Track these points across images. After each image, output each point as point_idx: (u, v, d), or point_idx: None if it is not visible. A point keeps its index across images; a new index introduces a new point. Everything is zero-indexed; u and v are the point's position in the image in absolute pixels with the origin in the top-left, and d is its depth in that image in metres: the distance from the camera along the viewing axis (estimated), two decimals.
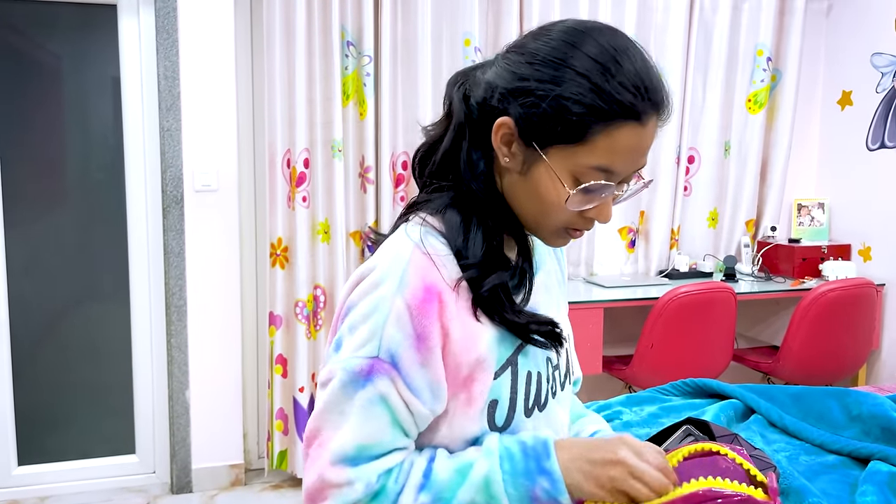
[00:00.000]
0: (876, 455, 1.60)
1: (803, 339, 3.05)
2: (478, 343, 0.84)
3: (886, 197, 3.40)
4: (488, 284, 0.83)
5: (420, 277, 0.82)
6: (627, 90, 0.78)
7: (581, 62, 0.78)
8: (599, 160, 0.80)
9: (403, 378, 0.81)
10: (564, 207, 0.83)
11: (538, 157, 0.82)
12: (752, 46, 3.52)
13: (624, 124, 0.79)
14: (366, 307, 0.83)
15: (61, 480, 3.04)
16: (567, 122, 0.79)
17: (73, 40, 2.96)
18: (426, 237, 0.85)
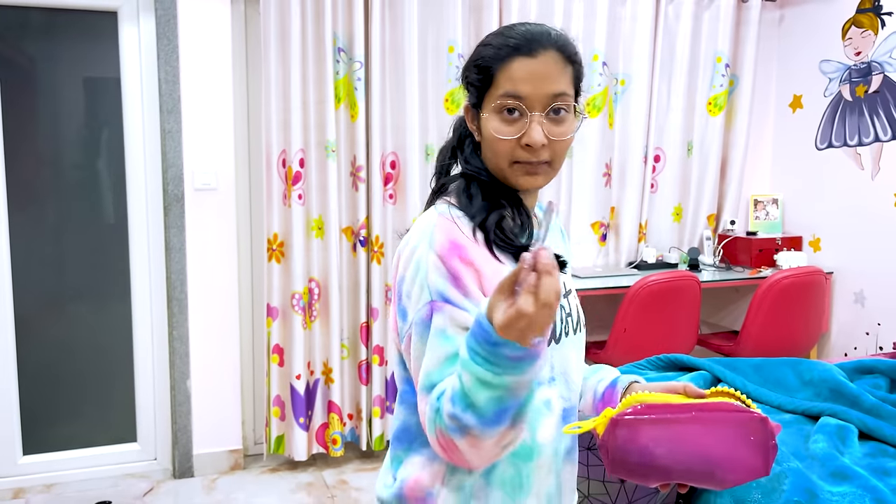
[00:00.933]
0: (825, 412, 1.85)
1: (761, 324, 3.32)
2: (502, 270, 1.02)
3: (834, 192, 3.71)
4: (490, 221, 1.05)
5: (444, 234, 1.02)
6: (512, 38, 1.04)
7: (485, 39, 1.09)
8: (504, 88, 1.04)
9: (455, 305, 0.98)
10: (499, 139, 1.04)
11: (480, 115, 1.08)
12: (711, 54, 3.80)
13: (514, 58, 1.03)
14: (411, 272, 1.02)
15: (65, 469, 3.16)
16: (481, 75, 1.06)
17: (75, 45, 3.08)
18: (449, 209, 1.07)
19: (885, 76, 3.43)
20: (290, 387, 3.23)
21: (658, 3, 3.67)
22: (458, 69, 3.30)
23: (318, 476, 3.23)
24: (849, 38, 3.60)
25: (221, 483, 3.16)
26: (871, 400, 1.84)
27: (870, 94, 3.50)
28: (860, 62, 3.55)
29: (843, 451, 1.67)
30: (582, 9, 3.56)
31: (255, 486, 3.13)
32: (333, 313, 3.23)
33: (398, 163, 3.29)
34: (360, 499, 3.03)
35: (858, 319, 3.61)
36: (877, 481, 1.51)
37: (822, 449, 1.64)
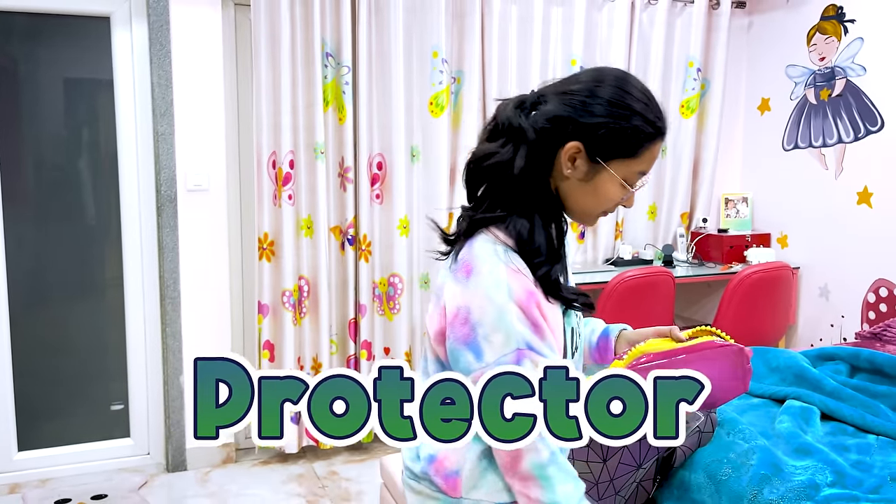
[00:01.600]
0: (790, 396, 2.01)
1: (732, 317, 3.48)
2: (559, 319, 1.16)
3: (799, 191, 3.89)
4: (553, 276, 1.14)
5: (520, 286, 1.10)
6: (658, 118, 1.15)
7: (633, 104, 1.13)
8: (643, 167, 1.16)
9: (539, 354, 1.10)
10: (618, 200, 1.17)
11: (602, 168, 1.13)
12: (684, 58, 3.96)
13: (657, 140, 1.16)
14: (493, 317, 1.09)
15: (60, 464, 3.23)
16: (626, 144, 1.13)
17: (68, 50, 3.15)
18: (508, 255, 1.12)
19: (847, 80, 3.61)
20: None
21: (633, 10, 3.81)
22: (441, 73, 3.41)
23: (309, 468, 3.34)
24: (813, 43, 3.78)
25: (214, 476, 3.25)
26: (832, 384, 1.99)
27: (833, 98, 3.68)
28: (824, 67, 3.73)
29: (807, 430, 1.82)
30: (560, 15, 3.69)
31: (247, 479, 3.23)
32: (322, 310, 3.33)
33: (385, 164, 3.40)
34: (350, 489, 3.13)
35: (823, 312, 3.80)
36: (836, 456, 1.66)
37: (787, 428, 1.78)
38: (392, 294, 3.44)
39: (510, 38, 3.60)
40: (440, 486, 1.21)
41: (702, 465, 1.67)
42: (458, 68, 3.53)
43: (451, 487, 1.19)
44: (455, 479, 1.19)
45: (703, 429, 1.76)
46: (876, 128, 3.49)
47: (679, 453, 1.72)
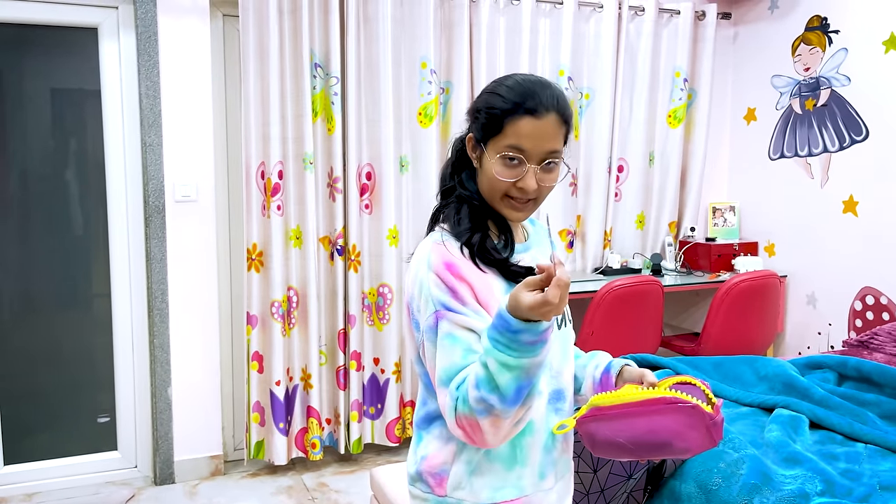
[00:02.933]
0: (779, 404, 2.02)
1: (720, 325, 3.50)
2: (493, 289, 1.21)
3: (786, 200, 3.92)
4: (474, 240, 1.23)
5: (438, 256, 1.21)
6: (521, 96, 1.20)
7: (498, 89, 1.23)
8: (510, 141, 1.20)
9: (455, 312, 1.16)
10: (506, 180, 1.21)
11: (483, 151, 1.24)
12: (670, 69, 3.99)
13: (522, 117, 1.19)
14: (416, 290, 1.22)
15: (46, 478, 3.19)
16: (491, 121, 1.22)
17: (56, 61, 3.13)
18: (442, 235, 1.26)
19: (832, 91, 3.65)
20: (269, 393, 3.30)
21: (620, 21, 3.84)
22: (430, 84, 3.42)
23: (298, 480, 3.31)
24: (798, 54, 3.82)
25: (203, 488, 3.22)
26: (821, 392, 2.00)
27: (818, 108, 3.72)
28: (809, 77, 3.77)
29: (796, 438, 1.82)
30: (548, 26, 3.72)
31: (236, 491, 3.20)
32: (312, 321, 3.32)
33: (374, 174, 3.40)
34: (339, 500, 3.11)
35: (811, 320, 3.82)
36: (826, 465, 1.67)
37: (776, 437, 1.79)
38: (381, 304, 3.43)
39: (498, 49, 3.62)
40: (430, 483, 1.25)
41: (692, 474, 1.67)
42: (446, 79, 3.54)
43: (437, 485, 1.24)
44: (442, 477, 1.24)
45: None
46: (861, 137, 3.53)
47: (669, 463, 1.72)
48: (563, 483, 1.33)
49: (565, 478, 1.34)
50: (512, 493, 1.22)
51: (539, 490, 1.26)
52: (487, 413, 1.08)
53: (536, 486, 1.25)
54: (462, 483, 1.23)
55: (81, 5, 3.07)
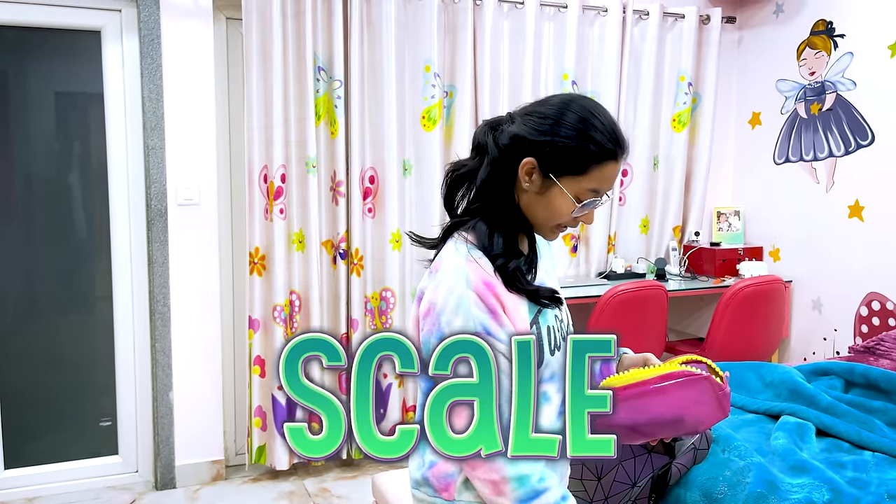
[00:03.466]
0: (786, 411, 1.99)
1: (725, 330, 3.48)
2: (519, 310, 1.22)
3: (791, 205, 3.90)
4: (511, 267, 1.22)
5: (478, 275, 1.20)
6: (609, 142, 1.20)
7: (583, 125, 1.20)
8: (593, 185, 1.22)
9: (495, 338, 1.16)
10: (569, 215, 1.23)
11: (553, 183, 1.22)
12: (675, 73, 3.97)
13: (608, 162, 1.21)
14: (453, 304, 1.18)
15: (47, 482, 3.18)
16: (573, 162, 1.20)
17: (60, 63, 3.13)
18: (470, 251, 1.24)
19: (837, 95, 3.63)
20: (271, 397, 3.29)
21: (624, 25, 3.83)
22: (434, 87, 3.41)
23: (300, 485, 3.30)
24: (803, 58, 3.80)
25: (204, 493, 3.21)
26: (828, 399, 1.98)
27: (823, 112, 3.70)
28: (814, 81, 3.75)
29: (802, 446, 1.80)
30: (552, 29, 3.71)
31: (237, 496, 3.19)
32: (314, 324, 3.30)
33: (377, 177, 3.39)
34: None
35: (816, 325, 3.80)
36: (833, 473, 1.65)
37: (783, 445, 1.77)
38: (384, 308, 3.42)
39: (502, 53, 3.61)
40: (436, 488, 1.27)
41: (697, 483, 1.65)
42: (450, 82, 3.53)
43: (444, 489, 1.26)
44: (449, 482, 1.25)
45: (698, 446, 1.74)
46: (866, 142, 3.51)
47: (674, 471, 1.70)
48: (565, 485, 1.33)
49: (566, 479, 1.34)
50: None
51: None
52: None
53: None
54: (469, 486, 1.24)
55: (84, 8, 3.07)
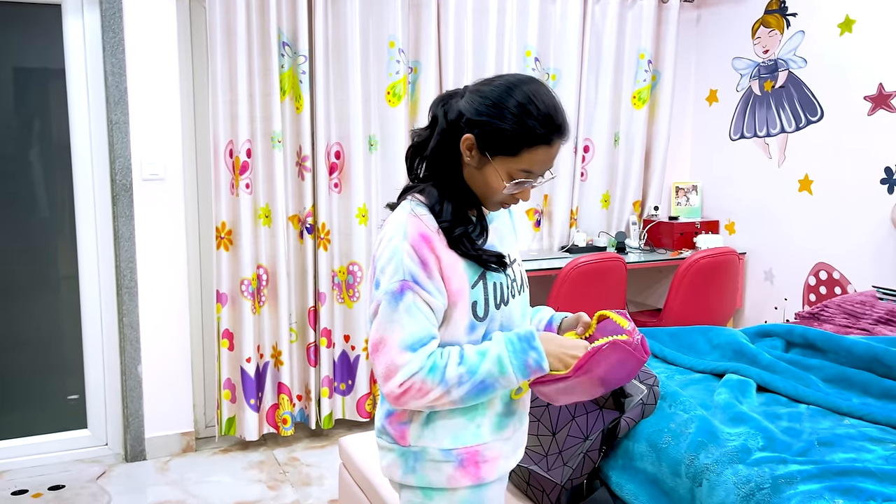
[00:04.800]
0: (730, 370, 2.11)
1: (681, 301, 3.60)
2: (457, 267, 1.28)
3: (745, 179, 4.03)
4: (456, 233, 1.29)
5: (416, 229, 1.27)
6: (541, 125, 1.24)
7: (517, 109, 1.24)
8: (524, 166, 1.27)
9: (422, 287, 1.24)
10: (501, 192, 1.29)
11: (488, 161, 1.28)
12: (635, 51, 4.06)
13: (540, 146, 1.26)
14: (387, 254, 1.27)
15: (16, 456, 3.20)
16: (506, 144, 1.26)
17: (17, 38, 3.11)
18: (415, 207, 1.31)
19: (789, 72, 3.75)
20: (240, 370, 3.34)
21: (585, 3, 3.90)
22: (398, 63, 3.46)
23: (270, 455, 3.36)
24: (758, 37, 3.92)
25: (174, 465, 3.26)
26: (768, 358, 2.10)
27: (776, 89, 3.83)
28: (768, 59, 3.87)
29: (742, 401, 1.92)
30: (515, 6, 3.76)
31: (207, 467, 3.24)
32: (282, 298, 3.36)
33: (343, 153, 3.43)
34: (311, 474, 3.17)
35: (768, 295, 3.95)
36: (769, 423, 1.76)
37: (724, 399, 1.88)
38: (351, 282, 3.48)
39: (466, 29, 3.66)
40: (394, 436, 1.35)
41: (644, 435, 1.76)
42: (414, 58, 3.58)
43: (400, 436, 1.34)
44: (404, 429, 1.33)
45: (645, 401, 1.84)
46: (816, 118, 3.64)
47: (623, 425, 1.80)
48: (520, 434, 1.42)
49: (521, 429, 1.43)
50: (472, 440, 1.31)
51: (498, 439, 1.34)
52: (447, 390, 1.21)
53: (495, 435, 1.33)
54: (423, 433, 1.31)
55: None
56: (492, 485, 1.34)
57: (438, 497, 1.32)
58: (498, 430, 1.34)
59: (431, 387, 1.22)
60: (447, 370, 1.22)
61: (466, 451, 1.30)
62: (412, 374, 1.21)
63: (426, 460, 1.31)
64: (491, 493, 1.35)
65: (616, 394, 1.85)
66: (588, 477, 1.78)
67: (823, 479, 1.47)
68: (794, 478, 1.47)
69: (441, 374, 1.22)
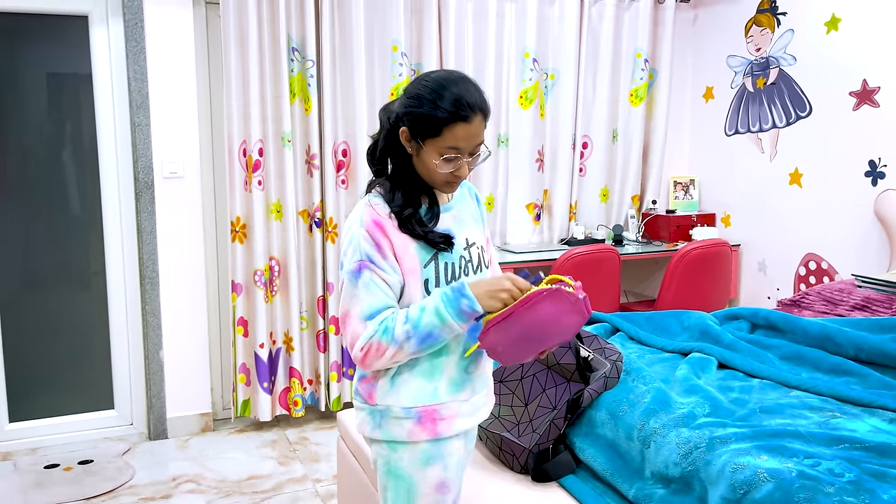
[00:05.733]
0: (695, 349, 2.28)
1: (674, 291, 3.75)
2: (409, 248, 1.48)
3: (740, 173, 4.17)
4: (404, 216, 1.48)
5: (369, 217, 1.47)
6: (452, 104, 1.42)
7: (433, 98, 1.43)
8: (449, 143, 1.44)
9: (377, 265, 1.44)
10: (438, 170, 1.47)
11: (421, 146, 1.46)
12: (632, 50, 4.22)
13: (458, 124, 1.42)
14: (347, 240, 1.48)
15: (49, 434, 3.47)
16: (428, 126, 1.43)
17: (48, 46, 3.36)
18: (372, 198, 1.52)
19: (780, 70, 3.88)
20: (254, 355, 3.57)
21: (582, 5, 4.07)
22: (401, 66, 3.66)
23: (282, 434, 3.59)
24: (751, 35, 4.05)
25: (193, 443, 3.50)
26: (730, 338, 2.26)
27: (768, 86, 3.96)
28: (760, 57, 4.00)
29: (701, 376, 2.09)
30: (514, 9, 3.94)
31: (224, 445, 3.48)
32: (293, 288, 3.58)
33: (349, 151, 3.64)
34: (319, 452, 3.39)
35: (761, 285, 4.08)
36: (719, 394, 1.93)
37: (683, 374, 2.05)
38: None
39: (466, 32, 3.85)
40: (364, 396, 1.55)
41: (605, 404, 1.93)
42: (416, 61, 3.77)
43: (369, 396, 1.53)
44: (371, 390, 1.53)
45: (608, 374, 2.02)
46: (805, 113, 3.77)
47: (586, 395, 1.98)
48: (480, 398, 1.59)
49: (481, 394, 1.60)
50: (429, 399, 1.50)
51: (454, 400, 1.52)
52: (397, 345, 1.41)
53: (451, 396, 1.52)
54: (387, 393, 1.51)
55: None
56: (450, 440, 1.53)
57: (402, 449, 1.51)
58: (454, 392, 1.52)
59: (386, 346, 1.41)
60: (395, 330, 1.42)
61: (424, 409, 1.49)
62: (369, 338, 1.42)
63: (390, 417, 1.50)
64: (450, 448, 1.53)
65: (582, 368, 2.03)
66: (554, 442, 1.96)
67: (756, 439, 1.63)
68: (728, 439, 1.64)
69: (391, 334, 1.41)
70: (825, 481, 1.42)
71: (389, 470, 1.53)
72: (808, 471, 1.46)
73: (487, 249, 1.66)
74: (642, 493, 1.69)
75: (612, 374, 2.03)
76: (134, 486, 3.06)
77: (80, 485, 3.05)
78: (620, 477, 1.78)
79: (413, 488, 1.52)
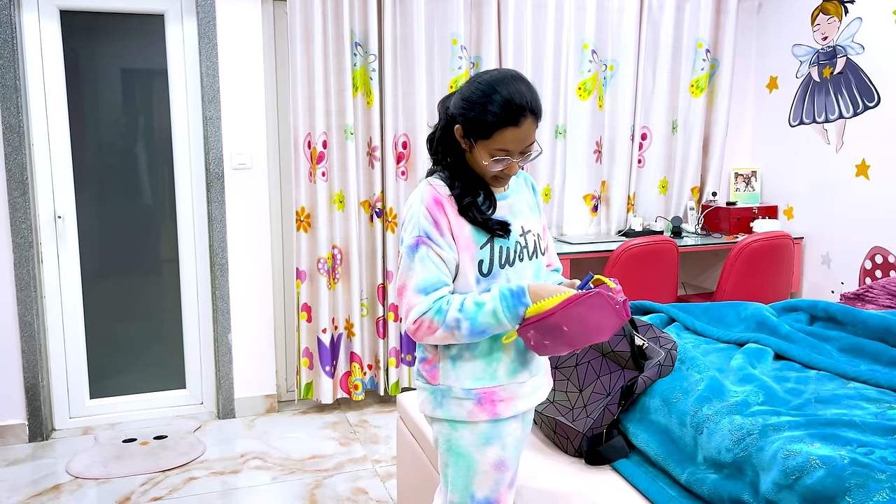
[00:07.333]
0: (751, 340, 2.28)
1: (734, 284, 3.72)
2: (464, 229, 1.55)
3: (804, 165, 4.09)
4: (464, 203, 1.55)
5: (430, 195, 1.55)
6: (502, 110, 1.47)
7: (485, 102, 1.48)
8: (499, 146, 1.50)
9: (434, 241, 1.51)
10: (493, 169, 1.54)
11: (473, 145, 1.53)
12: (693, 40, 4.18)
13: (507, 128, 1.48)
14: (408, 216, 1.57)
15: (126, 410, 3.68)
16: (480, 129, 1.50)
17: (126, 43, 3.55)
18: (433, 180, 1.59)
19: (847, 59, 3.79)
20: (317, 340, 3.71)
21: None
22: (461, 59, 3.72)
23: (343, 417, 3.72)
24: (817, 24, 3.96)
25: (259, 423, 3.66)
26: (787, 329, 2.26)
27: (835, 76, 3.87)
28: (826, 46, 3.91)
29: (756, 366, 2.10)
30: (573, 1, 3.96)
31: (288, 425, 3.63)
32: (354, 276, 3.70)
33: (409, 143, 3.73)
34: (378, 434, 3.50)
35: (825, 279, 4.01)
36: (773, 383, 1.94)
37: (738, 364, 2.07)
38: None
39: (525, 24, 3.88)
40: (426, 377, 1.63)
41: (659, 391, 1.97)
42: (476, 54, 3.83)
43: (431, 377, 1.62)
44: (434, 371, 1.61)
45: (662, 363, 2.05)
46: (873, 103, 3.68)
47: (640, 383, 2.01)
48: (537, 379, 1.66)
49: (539, 376, 1.67)
50: (489, 382, 1.57)
51: (512, 382, 1.59)
52: (450, 331, 1.48)
53: (510, 378, 1.59)
54: (449, 374, 1.58)
55: None
56: (508, 420, 1.60)
57: (462, 428, 1.58)
58: (512, 376, 1.59)
59: (437, 326, 1.49)
60: (448, 313, 1.48)
61: (484, 391, 1.56)
62: (422, 313, 1.49)
63: (451, 397, 1.58)
64: (508, 429, 1.60)
65: (636, 356, 2.07)
66: (607, 428, 2.01)
67: (809, 427, 1.65)
68: (782, 426, 1.66)
69: (444, 315, 1.48)
70: (877, 468, 1.43)
71: (450, 448, 1.61)
72: (861, 458, 1.47)
73: (544, 237, 1.72)
74: (694, 478, 1.73)
75: (666, 362, 2.06)
76: (205, 460, 3.23)
77: (155, 458, 3.24)
78: (673, 462, 1.82)
79: (473, 466, 1.59)
